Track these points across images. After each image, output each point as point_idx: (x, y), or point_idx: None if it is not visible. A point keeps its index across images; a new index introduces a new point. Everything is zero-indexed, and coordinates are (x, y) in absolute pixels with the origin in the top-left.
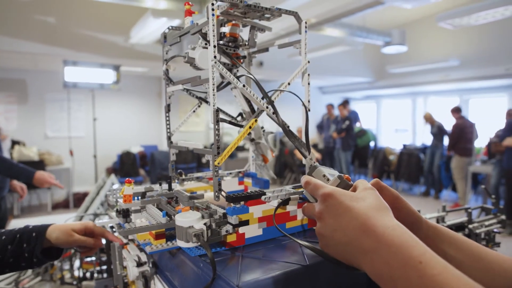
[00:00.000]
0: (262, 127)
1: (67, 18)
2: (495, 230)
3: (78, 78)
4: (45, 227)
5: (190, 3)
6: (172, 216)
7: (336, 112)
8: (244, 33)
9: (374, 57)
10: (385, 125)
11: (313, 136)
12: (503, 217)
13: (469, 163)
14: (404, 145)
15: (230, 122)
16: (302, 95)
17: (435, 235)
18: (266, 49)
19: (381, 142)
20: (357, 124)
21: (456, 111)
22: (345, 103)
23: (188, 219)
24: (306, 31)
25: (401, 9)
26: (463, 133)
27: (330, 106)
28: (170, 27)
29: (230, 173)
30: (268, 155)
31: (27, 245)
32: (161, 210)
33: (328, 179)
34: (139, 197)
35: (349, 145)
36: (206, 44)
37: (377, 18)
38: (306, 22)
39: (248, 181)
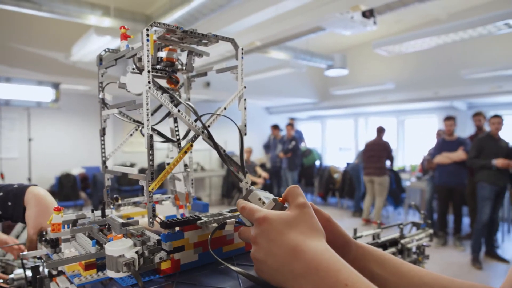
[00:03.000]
0: (186, 165)
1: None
2: (424, 244)
3: (12, 95)
4: None
5: (125, 27)
6: (103, 245)
7: (282, 132)
8: (184, 57)
9: (318, 79)
10: (330, 144)
11: (261, 156)
12: (431, 231)
13: (381, 181)
14: (348, 164)
15: (167, 140)
16: (251, 116)
17: (363, 256)
18: (205, 74)
19: (326, 161)
20: (303, 144)
21: (377, 131)
22: (292, 123)
23: (119, 247)
24: (242, 57)
25: (342, 35)
26: (369, 152)
27: (273, 127)
28: (106, 49)
29: (169, 197)
30: (181, 197)
31: None
32: (92, 238)
33: (263, 202)
34: (70, 225)
35: (295, 165)
36: (133, 69)
37: (320, 43)
38: (242, 49)
39: (187, 204)
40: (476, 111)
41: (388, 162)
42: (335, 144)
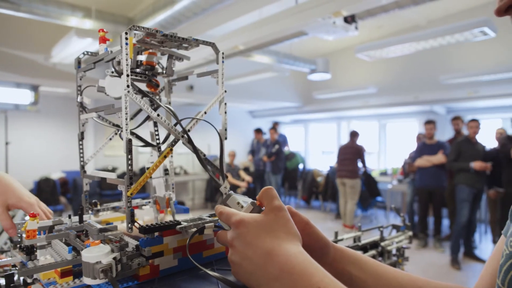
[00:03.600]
0: (166, 169)
1: None
2: (404, 246)
3: None
4: None
5: (104, 30)
6: (80, 251)
7: (265, 136)
8: (165, 60)
9: (301, 83)
10: (313, 148)
11: (244, 159)
12: (410, 233)
13: (352, 184)
14: (331, 167)
15: (145, 144)
16: (234, 120)
17: (341, 258)
18: (186, 78)
19: (309, 164)
20: (286, 148)
21: (351, 135)
22: (275, 126)
23: (96, 253)
24: (223, 62)
25: (325, 40)
26: (342, 155)
27: (256, 131)
28: (85, 52)
29: (149, 202)
30: (161, 201)
31: None
32: (68, 245)
33: (242, 206)
34: (46, 232)
35: (279, 168)
36: (113, 72)
37: (303, 47)
38: (223, 53)
39: (168, 209)
40: (455, 115)
41: (360, 165)
42: (318, 147)
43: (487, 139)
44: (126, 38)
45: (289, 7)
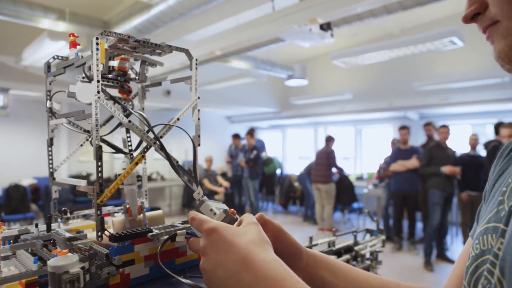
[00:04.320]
0: (139, 176)
1: None
2: (377, 250)
3: None
4: None
5: (75, 34)
6: (47, 261)
7: (243, 141)
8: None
9: (278, 89)
10: (290, 153)
11: (222, 164)
12: (383, 237)
13: (327, 189)
14: (300, 173)
15: (116, 151)
16: (212, 125)
17: (314, 263)
18: (159, 83)
19: (286, 169)
20: (264, 153)
21: (326, 140)
22: (251, 132)
23: (62, 263)
24: (196, 68)
25: (302, 46)
26: (317, 160)
27: (234, 137)
28: (55, 57)
29: (121, 209)
30: (133, 209)
31: None
32: (35, 255)
33: (215, 213)
34: (11, 241)
35: (257, 174)
36: (83, 77)
37: (281, 53)
38: (196, 59)
39: (141, 216)
40: (427, 122)
41: (334, 170)
42: (296, 152)
43: (458, 145)
44: (97, 44)
45: (266, 13)
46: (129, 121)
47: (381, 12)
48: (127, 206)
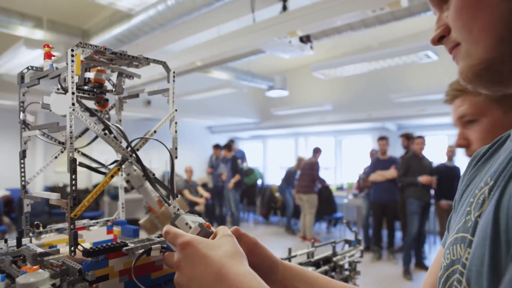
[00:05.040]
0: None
1: None
2: (355, 260)
3: None
4: None
5: (50, 45)
6: (16, 279)
7: (223, 152)
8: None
9: (259, 99)
10: (271, 163)
11: (203, 175)
12: (362, 247)
13: (308, 199)
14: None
15: (91, 169)
16: (193, 135)
17: (290, 275)
18: (137, 95)
19: (267, 180)
20: (245, 163)
21: (313, 151)
22: (229, 146)
23: (32, 280)
24: (174, 81)
25: (282, 57)
26: (302, 170)
27: (215, 147)
28: (29, 67)
29: (97, 222)
30: (153, 205)
31: None
32: (3, 272)
33: (190, 227)
34: None
35: (239, 184)
36: (58, 89)
37: (261, 64)
38: (174, 72)
39: (117, 229)
40: (403, 132)
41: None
42: (277, 163)
43: (434, 155)
44: (72, 56)
45: (247, 25)
46: (105, 134)
47: (359, 26)
48: (147, 205)
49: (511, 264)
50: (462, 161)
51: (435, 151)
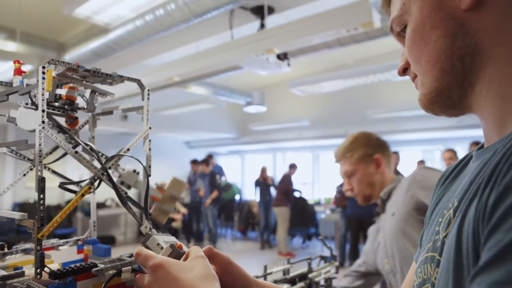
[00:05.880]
0: (135, 170)
1: None
2: (331, 276)
3: None
4: None
5: (20, 61)
6: None
7: (200, 167)
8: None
9: (237, 115)
10: (249, 178)
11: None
12: (337, 263)
13: (279, 212)
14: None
15: (63, 188)
16: (170, 150)
17: None
18: (111, 112)
19: (245, 195)
20: (223, 178)
21: (289, 166)
22: (207, 161)
23: None
24: (148, 98)
25: (260, 74)
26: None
27: (192, 163)
28: None
29: (67, 242)
30: (154, 194)
31: None
32: None
33: (162, 248)
34: None
35: (218, 200)
36: (27, 104)
37: (239, 80)
38: (148, 90)
39: (88, 249)
40: None
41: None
42: (255, 178)
43: (410, 170)
44: (43, 73)
45: (225, 41)
46: (76, 152)
47: (335, 44)
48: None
49: (470, 287)
50: None
51: (410, 166)
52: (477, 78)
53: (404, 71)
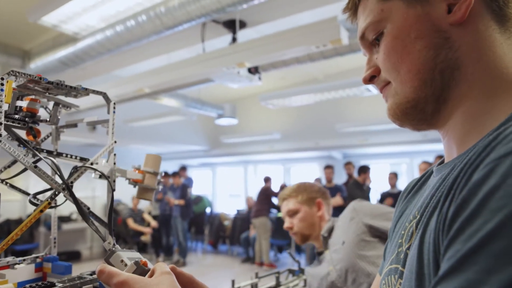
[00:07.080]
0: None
1: None
2: None
3: None
4: None
5: None
6: None
7: (171, 180)
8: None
9: (209, 127)
10: (220, 191)
11: (148, 203)
12: (305, 277)
13: (258, 223)
14: (238, 210)
15: (32, 203)
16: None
17: None
18: (75, 125)
19: (216, 208)
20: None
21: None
22: (180, 172)
23: None
24: (114, 112)
25: (232, 86)
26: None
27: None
28: None
29: (24, 260)
30: (134, 176)
31: None
32: None
33: (126, 265)
34: None
35: (188, 213)
36: None
37: (211, 93)
38: (114, 103)
39: (48, 267)
40: (347, 161)
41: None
42: (226, 191)
43: (378, 182)
44: (2, 84)
45: (197, 54)
46: (35, 166)
47: (305, 60)
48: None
49: None
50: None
51: (378, 178)
52: (452, 95)
53: (371, 79)
